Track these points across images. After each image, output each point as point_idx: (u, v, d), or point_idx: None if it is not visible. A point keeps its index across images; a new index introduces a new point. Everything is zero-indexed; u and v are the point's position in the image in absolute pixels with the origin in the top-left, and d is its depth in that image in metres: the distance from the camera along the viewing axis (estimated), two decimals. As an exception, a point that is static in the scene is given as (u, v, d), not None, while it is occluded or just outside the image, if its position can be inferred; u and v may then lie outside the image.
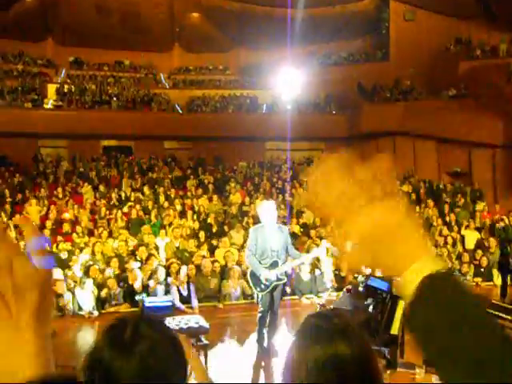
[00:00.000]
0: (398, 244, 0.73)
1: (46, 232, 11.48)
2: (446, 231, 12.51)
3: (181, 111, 24.12)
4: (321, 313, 1.33)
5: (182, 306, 8.20)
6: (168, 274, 8.75)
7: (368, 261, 0.78)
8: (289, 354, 1.24)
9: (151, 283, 8.39)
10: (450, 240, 11.80)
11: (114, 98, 22.83)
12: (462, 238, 12.36)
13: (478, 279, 10.29)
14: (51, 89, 23.84)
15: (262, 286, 6.13)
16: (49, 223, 12.63)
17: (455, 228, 12.85)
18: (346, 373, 1.16)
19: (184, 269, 8.81)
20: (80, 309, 8.06)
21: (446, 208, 14.28)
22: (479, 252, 10.90)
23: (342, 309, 5.02)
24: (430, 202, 14.73)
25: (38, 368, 0.61)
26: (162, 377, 1.13)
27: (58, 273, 8.63)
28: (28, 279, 0.62)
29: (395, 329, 5.55)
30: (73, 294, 8.14)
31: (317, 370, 1.16)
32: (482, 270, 10.46)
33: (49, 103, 22.54)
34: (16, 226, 10.84)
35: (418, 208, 14.61)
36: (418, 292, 0.69)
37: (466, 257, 10.55)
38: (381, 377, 1.23)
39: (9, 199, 14.60)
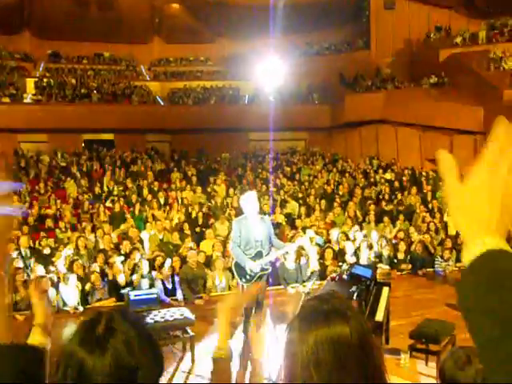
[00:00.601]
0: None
1: (26, 229, 11.26)
2: (428, 218, 12.62)
3: (162, 103, 23.95)
4: (319, 296, 1.33)
5: (168, 299, 8.18)
6: (152, 267, 8.72)
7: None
8: (288, 339, 1.23)
9: (135, 277, 8.35)
10: (432, 226, 11.90)
11: (95, 91, 22.58)
12: (445, 224, 12.46)
13: (461, 264, 10.40)
14: (30, 83, 23.52)
15: (247, 277, 6.13)
16: (31, 219, 12.49)
17: (438, 215, 12.96)
18: (345, 353, 1.15)
19: (168, 261, 8.77)
20: (65, 304, 7.99)
21: (429, 195, 14.39)
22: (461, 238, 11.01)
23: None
24: (413, 189, 14.84)
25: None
26: (135, 372, 1.11)
27: (40, 269, 8.57)
28: None
29: (380, 315, 5.60)
30: (57, 289, 8.06)
31: (316, 351, 1.15)
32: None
33: (28, 98, 22.21)
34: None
35: (400, 195, 14.73)
36: (474, 265, 0.69)
37: (448, 243, 10.64)
38: (381, 357, 1.22)
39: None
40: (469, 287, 0.69)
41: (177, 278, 8.60)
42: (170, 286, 8.48)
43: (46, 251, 10.02)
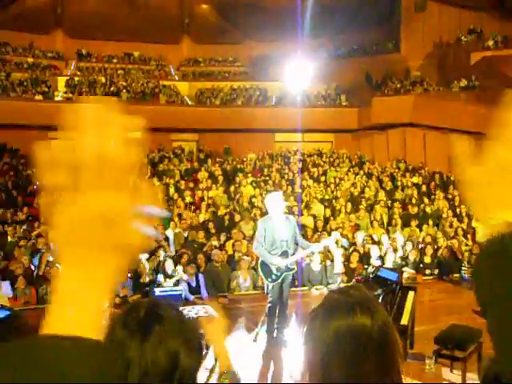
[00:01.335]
0: None
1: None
2: (456, 223, 12.44)
3: (190, 103, 24.11)
4: (341, 288, 1.34)
5: (192, 297, 8.24)
6: (177, 266, 8.78)
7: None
8: (309, 326, 1.25)
9: (159, 275, 8.42)
10: (460, 232, 11.74)
11: (124, 90, 22.86)
12: (473, 229, 12.27)
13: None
14: (61, 81, 23.93)
15: (273, 277, 6.14)
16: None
17: (466, 220, 12.77)
18: (365, 344, 1.16)
19: (193, 260, 8.84)
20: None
21: (457, 200, 14.19)
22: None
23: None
24: (440, 194, 14.65)
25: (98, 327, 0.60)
26: (177, 357, 1.12)
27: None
28: (128, 239, 0.59)
29: (405, 319, 5.54)
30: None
31: (337, 341, 1.17)
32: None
33: (59, 95, 22.63)
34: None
35: (427, 199, 14.55)
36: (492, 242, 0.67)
37: (476, 248, 10.47)
38: (400, 349, 1.22)
39: (21, 192, 14.72)
40: (487, 270, 0.68)
41: (201, 277, 8.65)
42: (194, 284, 8.53)
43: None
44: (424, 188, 15.88)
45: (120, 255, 0.60)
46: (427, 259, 10.43)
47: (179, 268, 8.62)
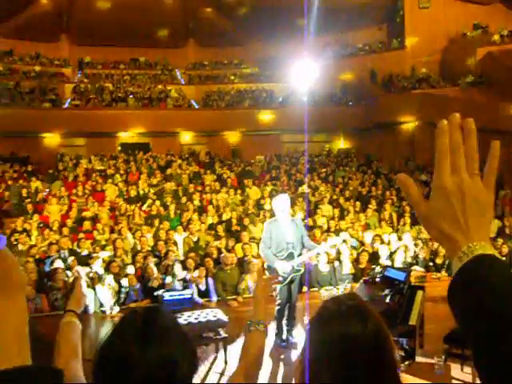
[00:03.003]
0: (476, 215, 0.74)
1: (66, 230, 11.65)
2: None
3: (197, 106, 24.19)
4: (335, 297, 1.36)
5: (201, 300, 8.27)
6: (185, 269, 8.82)
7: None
8: (305, 339, 1.28)
9: (168, 279, 8.46)
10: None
11: (131, 96, 22.98)
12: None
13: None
14: (68, 88, 24.10)
15: (280, 279, 6.14)
16: (69, 221, 12.82)
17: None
18: (356, 352, 1.17)
19: (201, 263, 8.87)
20: (101, 305, 8.17)
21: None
22: (500, 240, 10.76)
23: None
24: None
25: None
26: (174, 365, 1.13)
27: (79, 270, 8.78)
28: None
29: (413, 319, 5.53)
30: (94, 290, 8.24)
31: (328, 349, 1.19)
32: (504, 257, 10.33)
33: (66, 103, 22.78)
34: None
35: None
36: (464, 272, 0.70)
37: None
38: (394, 361, 1.23)
39: (30, 199, 14.84)
40: (461, 298, 0.70)
41: (211, 280, 8.68)
42: (203, 288, 8.56)
43: (84, 252, 10.27)
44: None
45: (6, 293, 0.63)
46: (439, 260, 10.34)
47: (187, 272, 8.66)
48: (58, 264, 9.14)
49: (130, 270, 8.98)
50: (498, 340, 0.63)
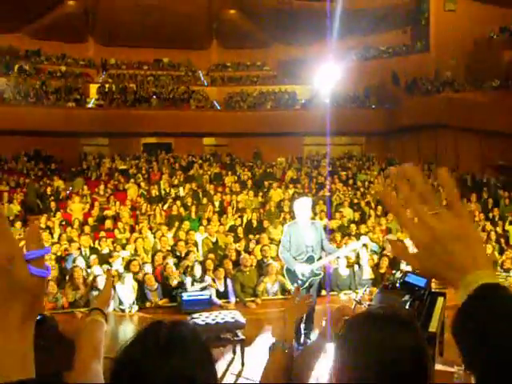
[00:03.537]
0: (461, 251, 0.76)
1: (87, 228, 11.78)
2: (489, 226, 12.18)
3: (219, 108, 24.27)
4: (384, 306, 1.36)
5: (219, 302, 8.27)
6: (204, 270, 8.83)
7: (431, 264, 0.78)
8: (344, 335, 1.25)
9: (188, 279, 8.49)
10: (493, 236, 11.49)
11: (154, 96, 23.17)
12: (506, 233, 12.01)
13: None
14: (93, 88, 24.41)
15: (299, 282, 6.12)
16: (91, 220, 12.97)
17: (499, 223, 12.49)
18: (402, 364, 1.15)
19: (220, 264, 8.89)
20: (121, 303, 8.23)
21: (490, 203, 13.89)
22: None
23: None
24: (473, 197, 14.37)
25: (24, 369, 0.64)
26: (192, 381, 1.11)
27: (98, 269, 8.88)
28: (23, 283, 0.64)
29: (434, 326, 5.44)
30: (114, 288, 8.31)
31: (376, 357, 1.15)
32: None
33: (91, 102, 23.08)
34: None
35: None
36: (469, 303, 0.71)
37: (510, 252, 10.24)
38: (431, 376, 1.21)
39: (53, 197, 15.06)
40: (467, 326, 0.69)
41: (229, 281, 8.68)
42: (222, 289, 8.57)
43: (105, 251, 10.37)
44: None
45: (20, 298, 0.64)
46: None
47: (208, 275, 8.66)
48: (79, 262, 9.26)
49: (148, 268, 9.04)
50: (504, 368, 0.63)
